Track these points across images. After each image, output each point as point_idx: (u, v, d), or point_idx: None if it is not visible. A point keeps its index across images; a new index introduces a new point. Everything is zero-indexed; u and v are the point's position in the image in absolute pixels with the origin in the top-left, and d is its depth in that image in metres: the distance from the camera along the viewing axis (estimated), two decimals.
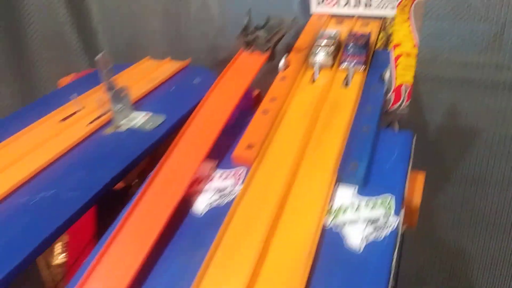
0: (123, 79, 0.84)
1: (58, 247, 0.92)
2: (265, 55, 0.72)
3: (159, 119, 0.69)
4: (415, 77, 0.71)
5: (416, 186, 0.53)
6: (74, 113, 0.73)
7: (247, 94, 0.68)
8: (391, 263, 0.43)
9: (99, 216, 0.90)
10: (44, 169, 0.59)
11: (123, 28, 1.02)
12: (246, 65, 0.70)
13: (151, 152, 0.68)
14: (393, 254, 0.44)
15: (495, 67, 0.89)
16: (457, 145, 0.92)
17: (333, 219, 0.47)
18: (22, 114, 0.77)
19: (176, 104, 0.75)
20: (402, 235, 0.57)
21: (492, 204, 0.95)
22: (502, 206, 0.94)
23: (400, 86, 0.63)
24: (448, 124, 0.92)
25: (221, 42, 1.10)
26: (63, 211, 0.52)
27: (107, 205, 0.75)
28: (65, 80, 0.94)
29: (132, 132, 0.68)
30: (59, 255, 0.92)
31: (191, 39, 1.08)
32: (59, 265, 0.93)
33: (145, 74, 0.88)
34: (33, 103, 0.82)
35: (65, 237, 0.96)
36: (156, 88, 0.82)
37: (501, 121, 0.89)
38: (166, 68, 0.91)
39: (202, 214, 0.51)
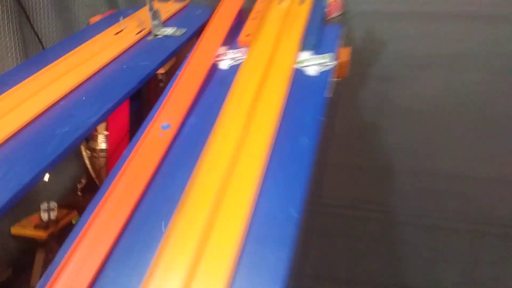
0: (141, 14, 1.19)
1: (100, 137, 1.26)
2: None
3: (183, 30, 1.06)
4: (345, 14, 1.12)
5: (344, 52, 0.94)
6: (122, 30, 1.08)
7: (240, 11, 1.06)
8: (330, 80, 0.84)
9: (131, 113, 1.25)
10: (113, 60, 0.94)
11: None
12: None
13: (177, 53, 1.05)
14: (331, 77, 0.85)
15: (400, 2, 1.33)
16: (374, 55, 1.36)
17: (299, 65, 0.87)
18: (80, 35, 1.10)
19: (190, 22, 1.11)
20: (338, 82, 0.98)
21: (399, 93, 1.40)
22: (406, 95, 1.39)
23: (333, 1, 1.04)
24: (368, 44, 1.35)
25: None
26: (131, 78, 0.88)
27: (139, 104, 1.13)
28: (94, 19, 1.26)
29: (167, 37, 1.04)
30: (101, 143, 1.26)
31: None
32: (102, 150, 1.27)
33: (160, 9, 1.22)
34: (81, 30, 1.15)
35: (105, 129, 1.29)
36: (171, 17, 1.18)
37: (404, 40, 1.34)
38: (173, 5, 1.26)
39: (226, 69, 0.89)
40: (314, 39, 0.91)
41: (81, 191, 1.33)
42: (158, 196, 0.64)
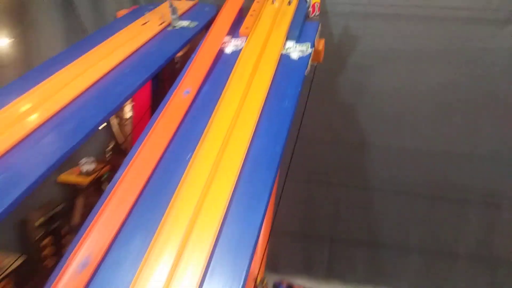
0: (162, 9, 1.47)
1: (127, 108, 1.54)
2: None
3: (195, 22, 1.34)
4: (326, 14, 1.41)
5: (320, 43, 1.23)
6: (147, 22, 1.36)
7: (241, 9, 1.35)
8: (308, 63, 1.13)
9: (152, 90, 1.53)
10: (143, 45, 1.22)
11: None
12: None
13: (191, 41, 1.33)
14: (309, 60, 1.14)
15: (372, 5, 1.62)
16: (350, 49, 1.66)
17: (285, 51, 1.16)
18: (113, 25, 1.38)
19: (200, 17, 1.39)
20: (315, 67, 1.27)
21: (370, 80, 1.69)
22: (376, 82, 1.69)
23: (314, 3, 1.33)
24: (345, 39, 1.64)
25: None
26: (159, 57, 1.16)
27: (160, 82, 1.41)
28: (121, 13, 1.54)
29: (183, 28, 1.32)
30: (128, 112, 1.54)
31: None
32: (128, 118, 1.55)
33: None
34: (113, 21, 1.43)
35: (131, 103, 1.57)
36: (184, 13, 1.46)
37: (375, 36, 1.63)
38: (185, 3, 1.54)
39: (229, 53, 1.18)
40: (297, 32, 1.20)
41: (109, 153, 1.61)
42: (184, 137, 0.93)
